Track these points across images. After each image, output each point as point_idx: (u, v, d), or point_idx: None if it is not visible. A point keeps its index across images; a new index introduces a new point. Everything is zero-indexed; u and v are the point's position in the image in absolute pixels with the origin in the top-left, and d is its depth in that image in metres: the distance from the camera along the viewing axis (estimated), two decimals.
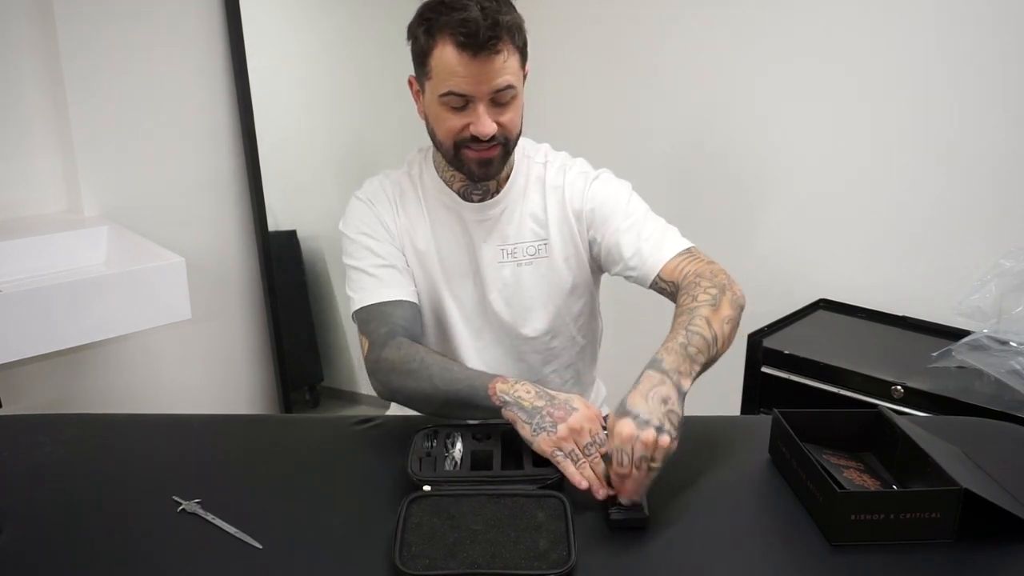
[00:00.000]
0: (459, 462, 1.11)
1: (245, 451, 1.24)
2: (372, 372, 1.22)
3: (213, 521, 1.04)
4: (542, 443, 1.07)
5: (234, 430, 1.34)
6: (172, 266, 1.78)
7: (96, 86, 2.01)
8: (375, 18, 2.59)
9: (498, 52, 1.15)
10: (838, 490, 0.99)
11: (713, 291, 1.17)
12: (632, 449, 0.98)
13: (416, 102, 1.28)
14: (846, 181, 2.08)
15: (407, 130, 2.61)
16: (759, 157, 2.23)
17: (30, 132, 1.98)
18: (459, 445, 1.14)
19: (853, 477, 1.09)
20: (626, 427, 0.98)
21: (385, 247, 1.31)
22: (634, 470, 0.98)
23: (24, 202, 2.02)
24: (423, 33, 1.17)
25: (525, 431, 1.08)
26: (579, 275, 1.36)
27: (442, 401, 1.17)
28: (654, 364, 1.06)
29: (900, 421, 1.14)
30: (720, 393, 2.13)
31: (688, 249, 1.28)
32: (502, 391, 1.12)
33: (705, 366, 1.12)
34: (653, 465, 0.99)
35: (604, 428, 1.08)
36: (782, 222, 2.22)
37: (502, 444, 1.15)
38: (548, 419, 1.07)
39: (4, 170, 1.96)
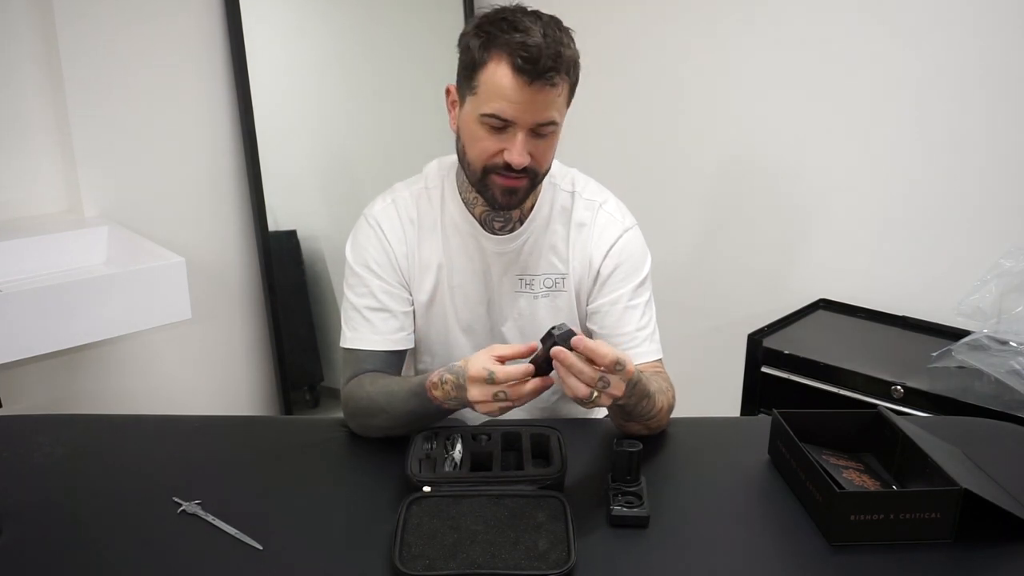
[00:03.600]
0: (459, 463, 1.11)
1: (245, 452, 1.24)
2: (345, 417, 1.28)
3: (213, 522, 1.04)
4: (481, 411, 1.09)
5: (234, 431, 1.34)
6: (172, 266, 1.78)
7: (96, 86, 2.01)
8: (376, 19, 2.59)
9: (554, 85, 1.11)
10: (837, 490, 0.99)
11: (670, 395, 1.26)
12: (612, 358, 1.01)
13: (450, 112, 1.23)
14: (846, 182, 2.08)
15: (407, 130, 2.62)
16: (759, 159, 2.23)
17: (30, 132, 1.98)
18: (459, 446, 1.14)
19: (853, 477, 1.09)
20: (631, 373, 1.04)
21: (384, 285, 1.28)
22: (595, 372, 1.01)
23: (24, 202, 2.02)
24: (479, 47, 1.11)
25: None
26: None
27: (406, 424, 1.20)
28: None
29: (900, 421, 1.15)
30: (720, 393, 2.14)
31: (660, 360, 1.32)
32: (441, 398, 1.13)
33: (632, 404, 1.14)
34: (600, 385, 1.01)
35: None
36: (781, 222, 2.22)
37: (502, 445, 1.15)
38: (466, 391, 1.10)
39: (4, 170, 1.96)
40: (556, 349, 1.01)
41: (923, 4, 1.89)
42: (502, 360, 1.07)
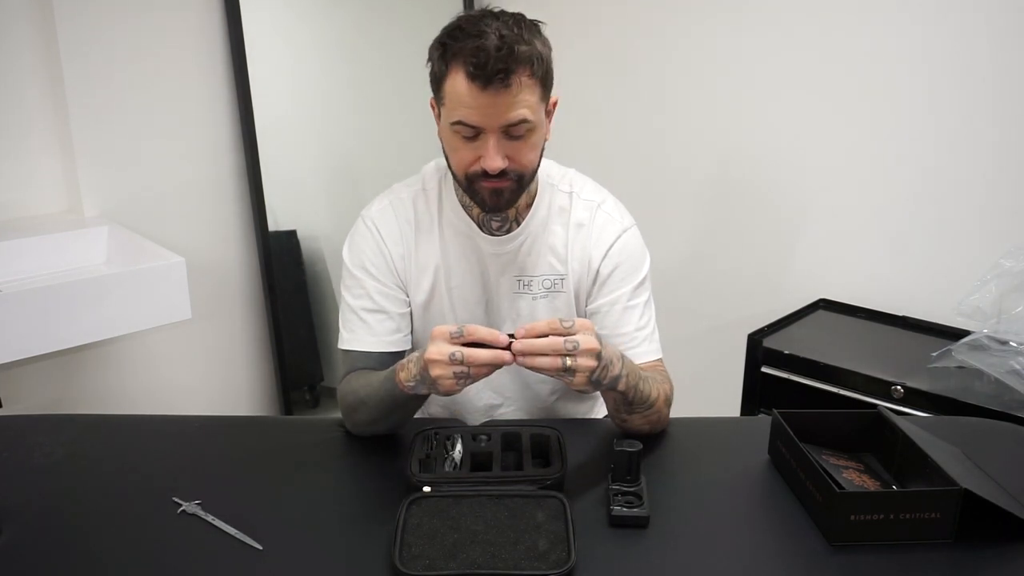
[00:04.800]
0: (459, 463, 1.11)
1: (245, 451, 1.24)
2: (341, 416, 1.28)
3: (213, 522, 1.04)
4: (433, 375, 1.03)
5: (234, 430, 1.34)
6: (172, 266, 1.78)
7: (96, 86, 2.01)
8: (376, 18, 2.59)
9: (508, 85, 1.09)
10: (837, 490, 1.00)
11: (667, 387, 1.25)
12: (579, 332, 1.01)
13: (437, 124, 1.23)
14: (846, 181, 2.08)
15: (407, 130, 2.62)
16: (758, 158, 2.23)
17: (30, 132, 1.98)
18: (459, 446, 1.14)
19: (853, 477, 1.09)
20: (591, 327, 1.04)
21: (381, 287, 1.28)
22: (557, 338, 1.01)
23: (24, 202, 2.02)
24: (438, 58, 1.13)
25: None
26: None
27: (383, 414, 1.20)
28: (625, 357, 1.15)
29: (900, 421, 1.15)
30: (720, 393, 2.14)
31: (660, 359, 1.31)
32: (406, 380, 1.10)
33: (631, 393, 1.14)
34: (568, 347, 1.01)
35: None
36: (782, 222, 2.22)
37: (502, 445, 1.15)
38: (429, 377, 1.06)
39: (4, 170, 1.96)
40: (514, 344, 1.01)
41: (924, 4, 1.89)
42: (496, 340, 1.04)
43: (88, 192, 2.04)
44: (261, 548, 0.99)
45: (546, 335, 1.02)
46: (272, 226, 2.39)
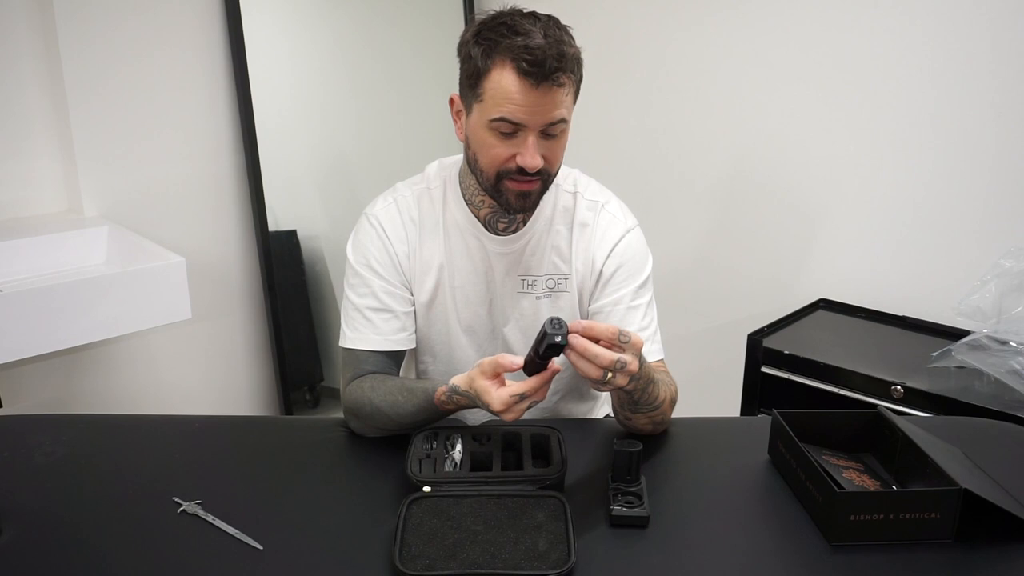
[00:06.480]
0: (459, 463, 1.11)
1: (245, 451, 1.24)
2: (345, 416, 1.29)
3: (213, 522, 1.04)
4: (509, 419, 1.09)
5: (234, 430, 1.34)
6: (172, 266, 1.78)
7: (96, 86, 2.01)
8: (376, 18, 2.59)
9: (561, 84, 1.11)
10: (837, 490, 1.00)
11: (673, 388, 1.26)
12: (614, 331, 1.01)
13: (455, 121, 1.23)
14: (846, 182, 2.08)
15: (407, 130, 2.62)
16: (759, 160, 2.23)
17: (30, 132, 1.99)
18: (459, 446, 1.14)
19: (853, 477, 1.09)
20: (639, 348, 1.05)
21: (386, 285, 1.28)
22: (610, 353, 1.01)
23: (24, 202, 2.02)
24: (481, 54, 1.11)
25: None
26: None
27: (411, 428, 1.22)
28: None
29: (900, 421, 1.15)
30: (720, 393, 2.14)
31: (662, 360, 1.32)
32: (454, 409, 1.18)
33: (639, 395, 1.14)
34: (617, 366, 1.01)
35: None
36: (782, 222, 2.22)
37: (502, 445, 1.15)
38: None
39: (4, 170, 1.96)
40: (572, 339, 1.01)
41: (924, 6, 1.89)
42: (508, 369, 1.08)
43: (88, 192, 2.04)
44: (261, 548, 0.99)
45: (599, 341, 1.02)
46: (272, 226, 2.39)
